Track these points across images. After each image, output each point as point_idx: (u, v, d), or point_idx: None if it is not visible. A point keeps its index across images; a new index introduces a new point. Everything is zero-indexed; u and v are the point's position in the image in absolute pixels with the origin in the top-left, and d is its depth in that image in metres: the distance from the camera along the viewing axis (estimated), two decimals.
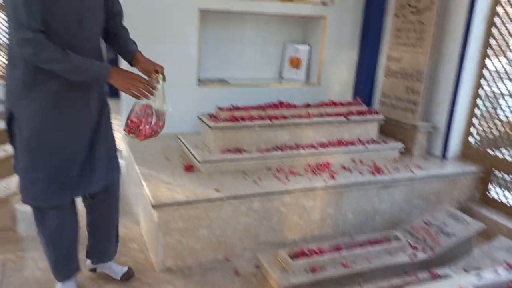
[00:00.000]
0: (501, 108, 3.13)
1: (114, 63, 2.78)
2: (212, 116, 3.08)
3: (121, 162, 3.80)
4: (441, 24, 3.24)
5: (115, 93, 2.59)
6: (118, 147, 2.33)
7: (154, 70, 2.04)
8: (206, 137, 3.08)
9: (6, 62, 1.87)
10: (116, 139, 2.28)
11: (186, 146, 3.10)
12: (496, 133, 3.16)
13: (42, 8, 1.68)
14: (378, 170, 3.03)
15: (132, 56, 2.10)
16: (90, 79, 1.86)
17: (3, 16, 4.00)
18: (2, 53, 4.06)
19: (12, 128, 1.91)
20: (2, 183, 2.92)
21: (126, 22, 2.22)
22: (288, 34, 4.21)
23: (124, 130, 1.98)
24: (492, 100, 3.19)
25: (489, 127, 3.21)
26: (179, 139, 3.24)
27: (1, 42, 4.07)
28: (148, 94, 1.91)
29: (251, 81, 4.01)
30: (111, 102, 2.22)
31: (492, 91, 3.17)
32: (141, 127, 1.92)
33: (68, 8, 1.77)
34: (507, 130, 3.09)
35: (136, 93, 1.88)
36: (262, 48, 4.17)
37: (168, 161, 3.01)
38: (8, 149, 3.46)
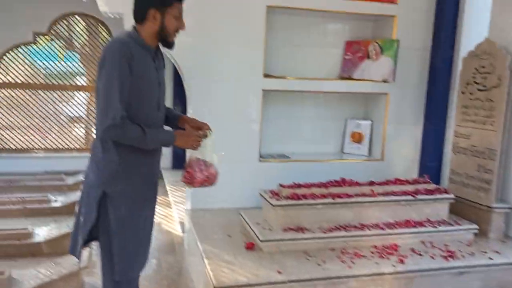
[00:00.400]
0: None
1: None
2: (273, 193, 3.08)
3: (184, 236, 3.89)
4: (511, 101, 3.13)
5: None
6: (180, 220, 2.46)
7: (202, 125, 2.22)
8: (268, 214, 3.07)
9: (95, 145, 2.02)
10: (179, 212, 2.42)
11: (247, 223, 3.10)
12: None
13: (129, 96, 1.93)
14: (451, 255, 2.82)
15: (179, 118, 2.30)
16: (161, 145, 2.12)
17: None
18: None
19: (104, 208, 1.99)
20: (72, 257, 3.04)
21: (198, 103, 2.37)
22: (348, 110, 4.25)
23: (182, 180, 2.20)
24: None
25: None
26: (241, 215, 3.26)
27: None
28: (200, 147, 2.14)
29: (312, 156, 4.02)
30: None
31: None
32: (195, 176, 2.14)
33: (151, 94, 2.04)
34: None
35: (195, 146, 2.11)
36: (322, 124, 4.22)
37: (230, 238, 3.01)
38: None
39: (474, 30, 3.69)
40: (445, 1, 3.73)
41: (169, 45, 2.11)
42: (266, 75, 3.69)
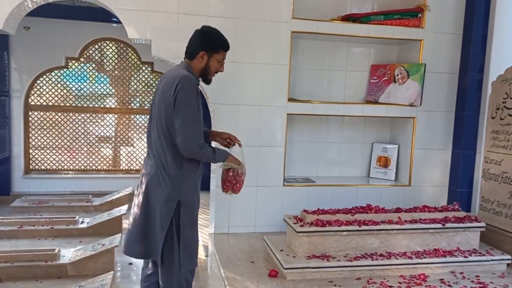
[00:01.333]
0: None
1: None
2: (298, 219, 3.05)
3: (206, 259, 3.87)
4: None
5: None
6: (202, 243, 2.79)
7: (232, 139, 2.64)
8: (292, 240, 3.02)
9: (169, 165, 2.34)
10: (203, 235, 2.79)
11: (271, 249, 3.06)
12: None
13: None
14: (483, 287, 2.70)
15: (210, 133, 2.71)
16: (221, 160, 2.50)
17: None
18: None
19: (178, 214, 2.34)
20: (98, 280, 3.07)
21: (222, 127, 2.40)
22: (375, 133, 4.20)
23: (223, 191, 2.61)
24: None
25: None
26: (265, 241, 3.22)
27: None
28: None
29: (337, 180, 3.97)
30: None
31: None
32: (235, 186, 2.56)
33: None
34: None
35: (238, 164, 2.54)
36: (348, 147, 4.18)
37: (253, 264, 2.98)
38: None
39: (503, 53, 3.61)
40: (473, 24, 3.68)
41: (208, 81, 2.52)
42: (291, 99, 3.69)
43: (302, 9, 3.66)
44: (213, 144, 2.83)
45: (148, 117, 2.55)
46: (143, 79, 6.54)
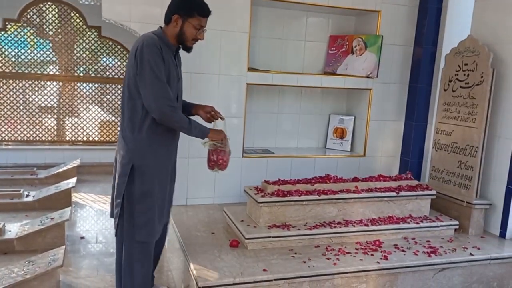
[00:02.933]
0: None
1: None
2: (258, 190, 3.03)
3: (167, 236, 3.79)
4: (494, 99, 3.17)
5: None
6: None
7: (215, 114, 2.62)
8: (252, 211, 3.01)
9: (125, 128, 2.34)
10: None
11: (231, 220, 3.04)
12: None
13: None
14: (434, 251, 2.85)
15: (193, 107, 2.66)
16: (198, 134, 2.44)
17: None
18: None
19: (131, 178, 2.32)
20: (49, 256, 2.91)
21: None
22: (332, 105, 4.23)
23: (208, 167, 2.61)
24: None
25: None
26: (225, 212, 3.19)
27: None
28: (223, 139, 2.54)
29: (295, 151, 3.99)
30: None
31: None
32: (220, 164, 2.57)
33: (172, 87, 2.36)
34: None
35: (222, 140, 2.51)
36: (305, 119, 4.19)
37: (214, 235, 2.95)
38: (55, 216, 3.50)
39: (456, 27, 3.72)
40: None
41: (187, 49, 2.46)
42: (250, 69, 3.62)
43: None
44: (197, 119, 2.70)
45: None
46: (89, 44, 6.16)
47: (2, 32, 5.76)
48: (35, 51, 6.01)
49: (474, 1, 3.44)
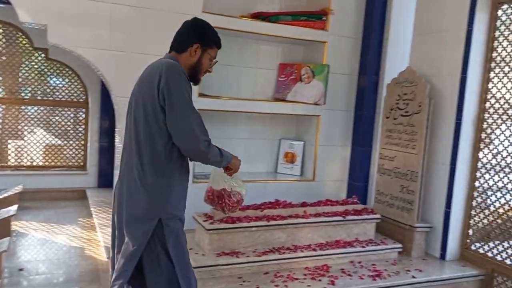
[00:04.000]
0: (498, 201, 3.13)
1: None
2: (207, 216, 3.02)
3: (109, 262, 3.66)
4: (431, 127, 3.36)
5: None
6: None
7: None
8: (201, 238, 2.99)
9: (146, 173, 1.93)
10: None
11: None
12: (494, 225, 3.13)
13: None
14: (378, 274, 2.93)
15: None
16: (225, 164, 2.16)
17: None
18: None
19: (159, 236, 1.94)
20: None
21: None
22: (282, 130, 4.32)
23: (225, 211, 2.36)
24: (488, 192, 3.20)
25: (488, 220, 3.19)
26: None
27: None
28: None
29: (246, 176, 4.00)
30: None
31: (488, 183, 3.19)
32: (229, 206, 2.34)
33: None
34: (504, 222, 3.07)
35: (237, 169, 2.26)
36: (256, 143, 4.24)
37: None
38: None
39: (397, 58, 3.94)
40: (371, 30, 3.96)
41: (197, 81, 2.15)
42: (201, 95, 3.64)
43: (212, 4, 3.62)
44: None
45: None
46: (36, 66, 5.96)
47: None
48: None
49: (412, 35, 3.67)
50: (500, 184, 3.11)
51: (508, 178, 3.05)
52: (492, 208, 3.17)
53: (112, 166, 3.49)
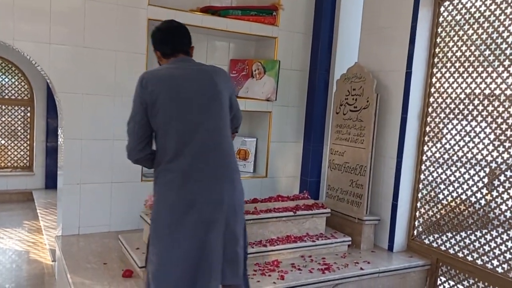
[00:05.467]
0: (442, 193, 3.22)
1: None
2: None
3: (54, 265, 3.50)
4: (379, 121, 3.42)
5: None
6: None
7: None
8: None
9: (234, 163, 2.19)
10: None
11: (126, 248, 2.89)
12: (438, 216, 3.23)
13: None
14: (327, 268, 2.95)
15: None
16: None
17: None
18: None
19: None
20: None
21: (71, 120, 2.13)
22: None
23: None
24: (432, 184, 3.30)
25: (432, 212, 3.28)
26: (120, 240, 3.03)
27: None
28: None
29: None
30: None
31: (432, 176, 3.29)
32: None
33: None
34: (449, 213, 3.17)
35: None
36: None
37: (106, 266, 2.78)
38: None
39: (346, 54, 3.99)
40: (320, 26, 3.98)
41: None
42: None
43: None
44: None
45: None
46: None
47: None
48: None
49: (360, 31, 3.73)
50: (443, 177, 3.20)
51: (451, 171, 3.15)
52: (436, 200, 3.27)
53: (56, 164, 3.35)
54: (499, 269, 2.83)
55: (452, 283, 3.11)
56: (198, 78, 2.11)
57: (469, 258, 3.00)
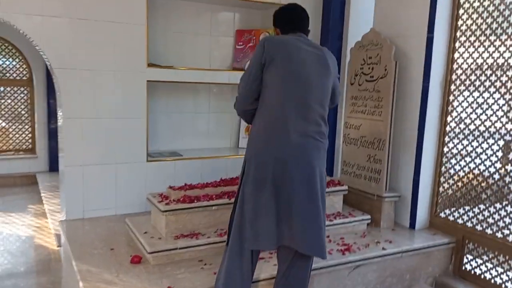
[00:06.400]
0: (468, 166, 3.02)
1: None
2: (163, 197, 2.76)
3: (60, 250, 3.37)
4: (398, 91, 3.19)
5: None
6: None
7: None
8: (157, 221, 2.73)
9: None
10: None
11: (133, 233, 2.73)
12: (463, 191, 3.04)
13: None
14: (347, 248, 2.78)
15: None
16: None
17: None
18: None
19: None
20: None
21: (70, 100, 1.94)
22: None
23: None
24: (457, 157, 3.09)
25: (457, 186, 3.09)
26: (127, 224, 2.87)
27: None
28: None
29: (206, 152, 3.76)
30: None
31: (457, 149, 3.08)
32: None
33: None
34: (476, 187, 2.97)
35: None
36: (216, 117, 3.98)
37: (113, 252, 2.62)
38: None
39: (360, 21, 3.74)
40: None
41: None
42: (151, 64, 3.32)
43: None
44: None
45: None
46: None
47: None
48: None
49: None
50: (469, 149, 2.99)
51: (478, 142, 2.94)
52: (461, 173, 3.06)
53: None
54: None
55: (479, 261, 2.94)
56: (314, 53, 2.13)
57: (499, 235, 2.81)
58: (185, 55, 3.73)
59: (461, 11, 3.01)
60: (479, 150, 2.93)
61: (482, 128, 2.91)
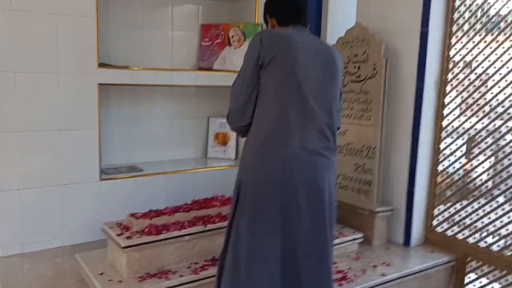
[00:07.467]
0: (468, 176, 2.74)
1: None
2: (123, 228, 2.26)
3: None
4: (388, 93, 2.85)
5: None
6: None
7: None
8: (116, 258, 2.22)
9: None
10: None
11: (86, 274, 2.21)
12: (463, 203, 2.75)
13: None
14: (344, 277, 2.40)
15: None
16: None
17: None
18: None
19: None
20: None
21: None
22: (210, 106, 3.60)
23: None
24: (455, 166, 2.80)
25: (455, 198, 2.80)
26: (78, 261, 2.34)
27: None
28: None
29: (170, 166, 3.28)
30: None
31: (455, 156, 2.79)
32: None
33: None
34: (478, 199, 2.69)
35: None
36: (180, 124, 3.50)
37: None
38: None
39: (341, 14, 3.38)
40: None
41: None
42: (102, 65, 2.79)
43: None
44: None
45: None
46: None
47: None
48: None
49: None
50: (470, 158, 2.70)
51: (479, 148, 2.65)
52: (460, 184, 2.77)
53: None
54: None
55: (485, 280, 2.65)
56: (320, 51, 1.80)
57: (508, 252, 2.53)
58: (143, 53, 3.22)
59: (457, 2, 2.71)
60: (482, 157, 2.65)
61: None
